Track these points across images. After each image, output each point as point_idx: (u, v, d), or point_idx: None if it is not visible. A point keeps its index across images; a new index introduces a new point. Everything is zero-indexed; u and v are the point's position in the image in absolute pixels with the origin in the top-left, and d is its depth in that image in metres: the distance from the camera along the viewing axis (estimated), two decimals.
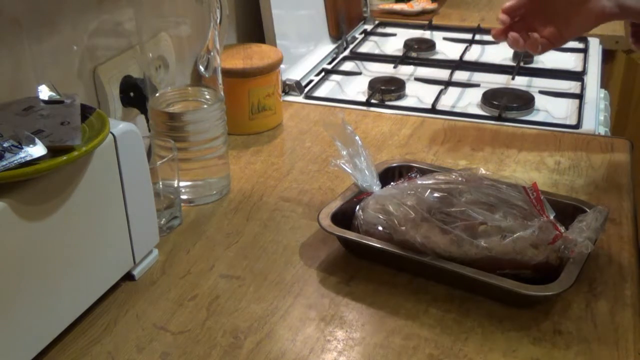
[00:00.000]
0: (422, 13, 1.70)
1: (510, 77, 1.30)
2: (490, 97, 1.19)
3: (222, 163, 0.91)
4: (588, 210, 0.75)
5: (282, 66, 1.12)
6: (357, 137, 0.80)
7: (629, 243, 0.81)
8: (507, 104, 1.16)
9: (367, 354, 0.65)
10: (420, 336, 0.67)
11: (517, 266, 0.70)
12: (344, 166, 0.79)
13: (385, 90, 1.23)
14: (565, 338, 0.67)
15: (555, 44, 0.91)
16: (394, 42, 1.54)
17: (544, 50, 0.91)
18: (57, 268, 0.64)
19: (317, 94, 1.25)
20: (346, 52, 1.45)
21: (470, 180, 0.77)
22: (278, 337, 0.67)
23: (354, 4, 1.58)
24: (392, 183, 0.82)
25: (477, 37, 1.53)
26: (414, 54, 1.45)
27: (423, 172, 0.84)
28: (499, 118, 1.13)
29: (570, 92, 1.25)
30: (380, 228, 0.75)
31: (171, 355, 0.65)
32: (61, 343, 0.67)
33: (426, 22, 1.63)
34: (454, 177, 0.78)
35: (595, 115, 1.16)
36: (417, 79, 1.32)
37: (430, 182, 0.77)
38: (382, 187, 0.80)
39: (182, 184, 0.87)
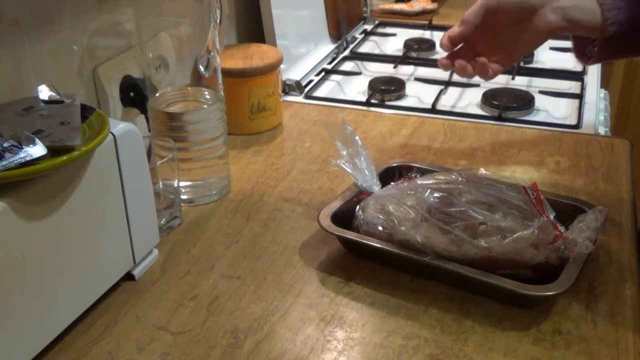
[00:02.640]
0: (422, 13, 1.70)
1: (510, 77, 1.30)
2: (490, 97, 1.19)
3: (222, 163, 0.91)
4: (588, 210, 0.75)
5: (282, 66, 1.12)
6: (357, 137, 0.80)
7: (629, 243, 0.81)
8: (507, 104, 1.16)
9: (367, 354, 0.65)
10: (420, 336, 0.67)
11: (517, 266, 0.70)
12: (344, 166, 0.79)
13: (385, 90, 1.23)
14: (565, 338, 0.67)
15: (506, 66, 0.87)
16: (394, 42, 1.54)
17: (495, 74, 0.87)
18: (57, 268, 0.64)
19: (317, 94, 1.25)
20: (346, 52, 1.45)
21: (470, 180, 0.77)
22: (278, 337, 0.67)
23: (354, 4, 1.58)
24: (392, 183, 0.82)
25: None
26: (414, 54, 1.45)
27: (423, 172, 0.84)
28: (499, 118, 1.13)
29: (570, 92, 1.25)
30: (380, 228, 0.75)
31: (171, 355, 0.65)
32: (61, 343, 0.67)
33: (426, 22, 1.63)
34: (454, 177, 0.78)
35: (595, 115, 1.16)
36: (417, 79, 1.32)
37: (430, 182, 0.77)
38: (382, 187, 0.80)
39: (182, 184, 0.87)
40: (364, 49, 1.50)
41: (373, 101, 1.21)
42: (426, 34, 1.58)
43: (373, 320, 0.70)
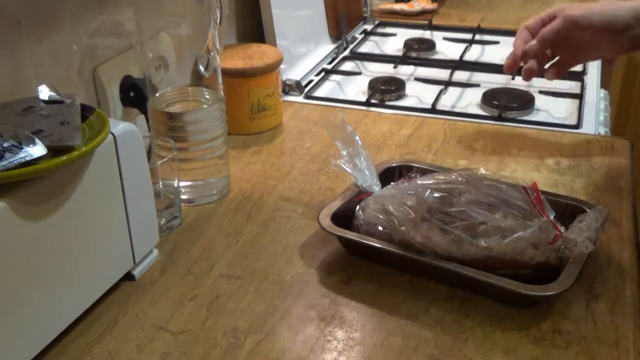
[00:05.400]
0: (422, 13, 1.70)
1: (510, 77, 1.30)
2: (490, 97, 1.19)
3: (222, 163, 0.91)
4: (588, 210, 0.76)
5: (282, 66, 1.12)
6: (357, 137, 0.80)
7: (629, 243, 0.81)
8: (507, 104, 1.16)
9: (367, 354, 0.65)
10: (420, 336, 0.67)
11: (517, 266, 0.70)
12: (344, 166, 0.79)
13: (385, 90, 1.23)
14: (565, 338, 0.67)
15: (569, 67, 0.95)
16: (394, 42, 1.54)
17: (560, 75, 0.95)
18: (57, 268, 0.64)
19: (317, 94, 1.25)
20: (346, 52, 1.45)
21: (470, 180, 0.77)
22: (278, 337, 0.67)
23: (354, 4, 1.58)
24: (392, 183, 0.82)
25: (477, 37, 1.53)
26: (414, 54, 1.45)
27: (423, 172, 0.84)
28: (499, 118, 1.13)
29: (570, 92, 1.25)
30: (380, 228, 0.75)
31: (171, 355, 0.65)
32: (61, 343, 0.67)
33: (426, 22, 1.63)
34: (454, 177, 0.78)
35: (595, 115, 1.16)
36: (417, 79, 1.32)
37: (430, 182, 0.77)
38: (382, 187, 0.80)
39: (182, 184, 0.87)
40: (364, 49, 1.50)
41: (373, 101, 1.21)
42: (426, 34, 1.58)
43: (373, 320, 0.70)
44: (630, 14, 0.85)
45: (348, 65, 1.40)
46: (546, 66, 0.96)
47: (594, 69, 1.35)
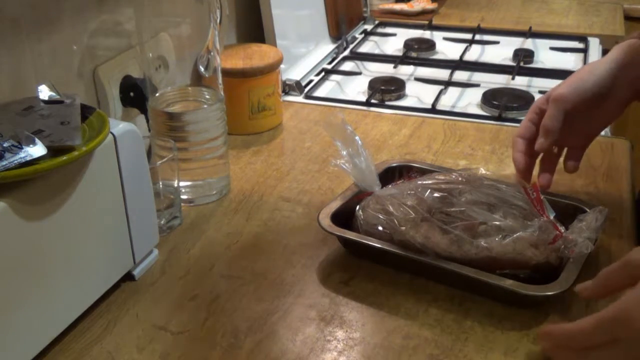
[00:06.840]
0: (422, 13, 1.70)
1: (510, 77, 1.30)
2: (490, 97, 1.19)
3: (222, 163, 0.91)
4: (588, 210, 0.75)
5: (282, 66, 1.12)
6: (357, 137, 0.80)
7: (629, 243, 0.81)
8: (507, 104, 1.16)
9: (367, 354, 0.65)
10: (420, 336, 0.67)
11: (517, 266, 0.70)
12: (344, 166, 0.79)
13: (385, 90, 1.23)
14: None
15: (585, 147, 0.87)
16: (394, 42, 1.54)
17: (580, 161, 0.86)
18: (57, 268, 0.64)
19: (317, 94, 1.25)
20: (346, 52, 1.45)
21: (470, 180, 0.77)
22: (278, 337, 0.67)
23: (354, 4, 1.58)
24: (392, 183, 0.82)
25: (477, 37, 1.54)
26: (414, 54, 1.45)
27: (423, 172, 0.84)
28: (499, 118, 1.13)
29: None
30: (380, 228, 0.75)
31: (171, 355, 0.65)
32: (61, 343, 0.67)
33: (426, 22, 1.63)
34: (454, 177, 0.78)
35: None
36: (417, 79, 1.32)
37: (430, 182, 0.77)
38: (382, 187, 0.80)
39: (182, 184, 0.87)
40: (364, 49, 1.50)
41: (373, 101, 1.21)
42: (426, 34, 1.58)
43: (373, 320, 0.70)
44: (607, 74, 0.80)
45: (348, 65, 1.40)
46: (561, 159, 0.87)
47: None
